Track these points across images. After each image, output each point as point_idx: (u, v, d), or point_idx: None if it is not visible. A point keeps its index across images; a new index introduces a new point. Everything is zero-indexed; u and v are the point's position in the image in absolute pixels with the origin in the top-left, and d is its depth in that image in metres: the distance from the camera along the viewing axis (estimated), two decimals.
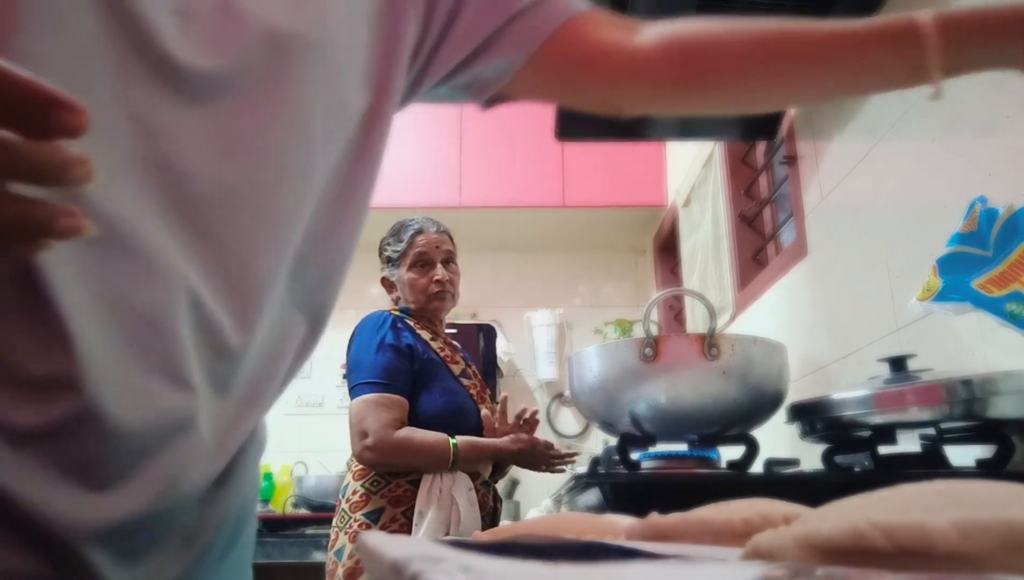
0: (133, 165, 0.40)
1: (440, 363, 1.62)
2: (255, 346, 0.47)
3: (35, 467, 0.38)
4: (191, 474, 0.45)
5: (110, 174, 0.38)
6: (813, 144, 1.76)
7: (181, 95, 0.42)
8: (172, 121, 0.42)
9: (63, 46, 0.37)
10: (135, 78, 0.40)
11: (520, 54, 0.58)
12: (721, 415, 0.92)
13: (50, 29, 0.37)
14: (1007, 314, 0.85)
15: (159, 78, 0.41)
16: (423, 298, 1.66)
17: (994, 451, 0.82)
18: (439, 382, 1.60)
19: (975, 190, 1.00)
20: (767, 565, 0.27)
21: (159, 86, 0.41)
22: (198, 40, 0.42)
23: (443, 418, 1.55)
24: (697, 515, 0.40)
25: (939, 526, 0.24)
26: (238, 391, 0.47)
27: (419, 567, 0.25)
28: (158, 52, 0.41)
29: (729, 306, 2.39)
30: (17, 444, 0.38)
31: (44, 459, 0.39)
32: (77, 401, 0.38)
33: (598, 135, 2.02)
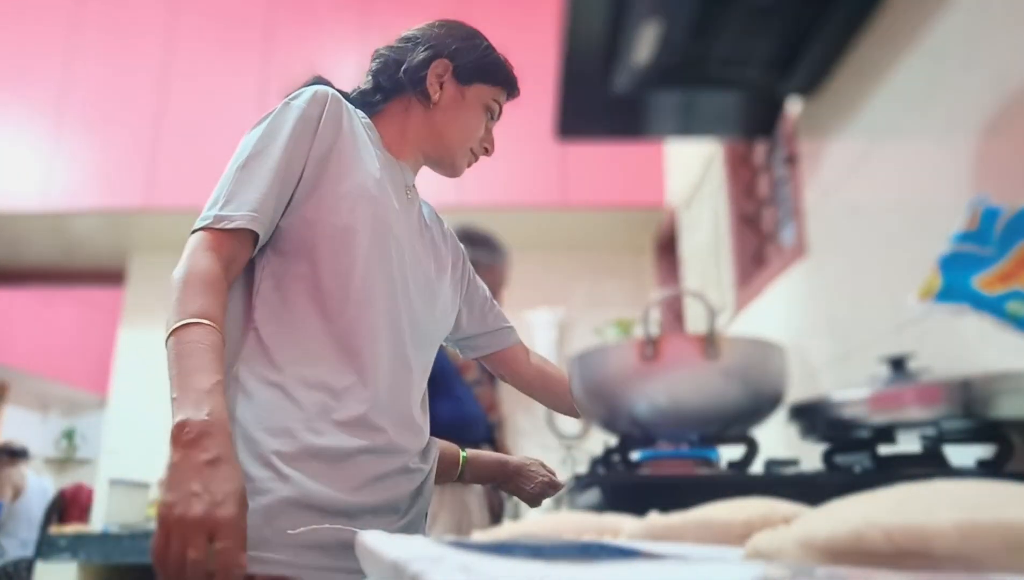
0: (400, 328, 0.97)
1: (452, 369, 1.62)
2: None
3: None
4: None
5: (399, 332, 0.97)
6: (813, 144, 1.76)
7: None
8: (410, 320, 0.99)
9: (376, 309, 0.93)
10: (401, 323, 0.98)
11: (487, 350, 1.24)
12: (721, 415, 0.92)
13: (368, 304, 0.92)
14: (1007, 313, 0.85)
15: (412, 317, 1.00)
16: None
17: (994, 451, 0.82)
18: (447, 388, 1.59)
19: (975, 190, 1.01)
20: (767, 565, 0.27)
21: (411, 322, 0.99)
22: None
23: (446, 426, 1.55)
24: (697, 515, 0.40)
25: (939, 526, 0.24)
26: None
27: (419, 567, 0.25)
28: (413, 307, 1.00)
29: (729, 306, 2.39)
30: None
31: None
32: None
33: (598, 135, 2.02)
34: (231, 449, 0.77)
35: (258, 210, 0.88)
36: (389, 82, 1.07)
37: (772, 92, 1.72)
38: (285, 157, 0.91)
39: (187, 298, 0.83)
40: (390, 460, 0.92)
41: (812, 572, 0.24)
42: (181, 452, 0.75)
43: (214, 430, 0.76)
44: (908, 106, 1.34)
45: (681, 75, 1.62)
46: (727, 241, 2.45)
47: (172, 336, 0.81)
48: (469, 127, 1.08)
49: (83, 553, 2.62)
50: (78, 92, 3.43)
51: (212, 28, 3.55)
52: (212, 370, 0.80)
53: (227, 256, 0.87)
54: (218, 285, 0.85)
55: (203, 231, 0.88)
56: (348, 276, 0.91)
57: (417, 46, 1.07)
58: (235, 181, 0.91)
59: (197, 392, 0.78)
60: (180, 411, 0.78)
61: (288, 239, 0.92)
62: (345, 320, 0.90)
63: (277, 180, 0.90)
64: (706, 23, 1.47)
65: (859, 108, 1.52)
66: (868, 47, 1.48)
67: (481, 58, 1.08)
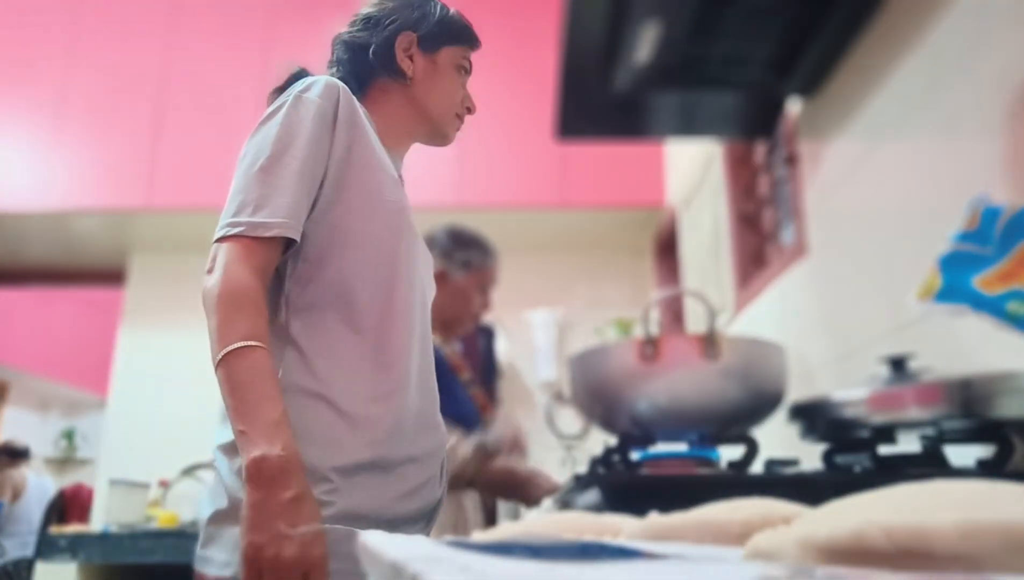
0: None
1: (446, 368, 1.62)
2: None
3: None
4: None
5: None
6: (813, 144, 1.76)
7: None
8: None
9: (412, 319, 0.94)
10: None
11: None
12: (721, 415, 0.92)
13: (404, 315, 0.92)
14: (1007, 313, 0.85)
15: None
16: (467, 316, 1.67)
17: (994, 451, 0.82)
18: (442, 387, 1.58)
19: (975, 190, 1.00)
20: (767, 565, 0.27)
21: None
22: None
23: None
24: (697, 515, 0.40)
25: (939, 526, 0.24)
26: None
27: (419, 567, 0.25)
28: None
29: (729, 306, 2.39)
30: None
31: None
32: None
33: (598, 135, 2.02)
34: (306, 483, 0.76)
35: (292, 217, 0.85)
36: (361, 68, 1.03)
37: (772, 92, 1.72)
38: (310, 155, 0.87)
39: (233, 319, 0.79)
40: (428, 468, 0.92)
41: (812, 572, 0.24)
42: (263, 491, 0.73)
43: (292, 466, 0.75)
44: (908, 106, 1.34)
45: (681, 75, 1.62)
46: (727, 241, 2.45)
47: (225, 361, 0.77)
48: (449, 93, 1.04)
49: (83, 553, 2.62)
50: (78, 92, 3.43)
51: (212, 28, 3.55)
52: (275, 398, 0.78)
53: (261, 266, 0.83)
54: (260, 301, 0.82)
55: (234, 240, 0.83)
56: (386, 288, 0.90)
57: (378, 25, 1.02)
58: (261, 184, 0.85)
59: (267, 425, 0.76)
60: (253, 446, 0.75)
61: (316, 245, 0.88)
62: (382, 331, 0.89)
63: (304, 183, 0.86)
64: (706, 23, 1.47)
65: (859, 108, 1.52)
66: (868, 47, 1.48)
67: (441, 21, 1.04)
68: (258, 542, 0.72)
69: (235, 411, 0.77)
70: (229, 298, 0.80)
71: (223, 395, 0.78)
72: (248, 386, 0.77)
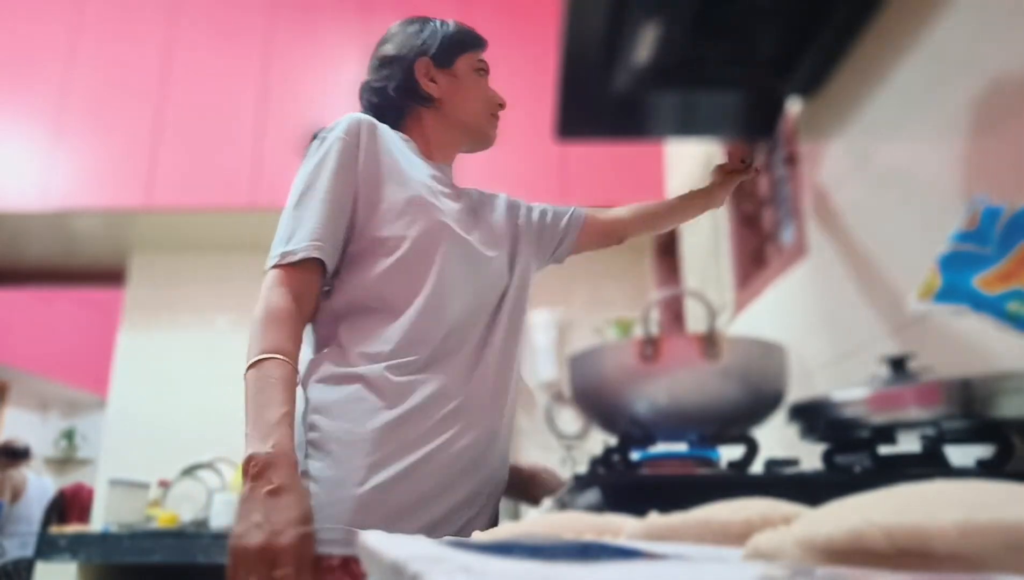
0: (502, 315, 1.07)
1: None
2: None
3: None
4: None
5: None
6: (813, 144, 1.76)
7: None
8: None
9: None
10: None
11: (570, 245, 1.28)
12: (721, 415, 0.92)
13: (447, 310, 0.98)
14: (1007, 313, 0.85)
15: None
16: None
17: (994, 451, 0.82)
18: None
19: (975, 190, 1.01)
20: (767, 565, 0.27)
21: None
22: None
23: None
24: (697, 515, 0.40)
25: (939, 526, 0.24)
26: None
27: (419, 567, 0.25)
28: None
29: (729, 306, 2.39)
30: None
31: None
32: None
33: (598, 135, 2.02)
34: (294, 477, 0.82)
35: (319, 239, 0.94)
36: (391, 104, 1.12)
37: (772, 92, 1.72)
38: (334, 185, 0.97)
39: (260, 335, 0.89)
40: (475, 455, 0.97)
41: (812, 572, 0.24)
42: (249, 485, 0.80)
43: (277, 461, 0.81)
44: (908, 106, 1.34)
45: (681, 75, 1.62)
46: (727, 241, 2.45)
47: (247, 372, 0.87)
48: (477, 98, 1.14)
49: (83, 553, 2.62)
50: (78, 92, 3.43)
51: (212, 28, 3.55)
52: (280, 402, 0.85)
53: (297, 289, 0.94)
54: (288, 319, 0.91)
55: (273, 270, 0.95)
56: (420, 287, 0.97)
57: (393, 63, 1.12)
58: (293, 219, 0.97)
59: (265, 426, 0.83)
60: (249, 445, 0.83)
61: (357, 257, 0.98)
62: (415, 325, 0.96)
63: (331, 207, 0.96)
64: (706, 23, 1.47)
65: (859, 108, 1.52)
66: (868, 47, 1.48)
67: (446, 36, 1.14)
68: (237, 532, 0.78)
69: (246, 415, 0.85)
70: (260, 319, 0.91)
71: (244, 403, 0.87)
72: (259, 392, 0.85)
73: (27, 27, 3.52)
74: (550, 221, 1.25)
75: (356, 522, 0.85)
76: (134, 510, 2.89)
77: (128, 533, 2.67)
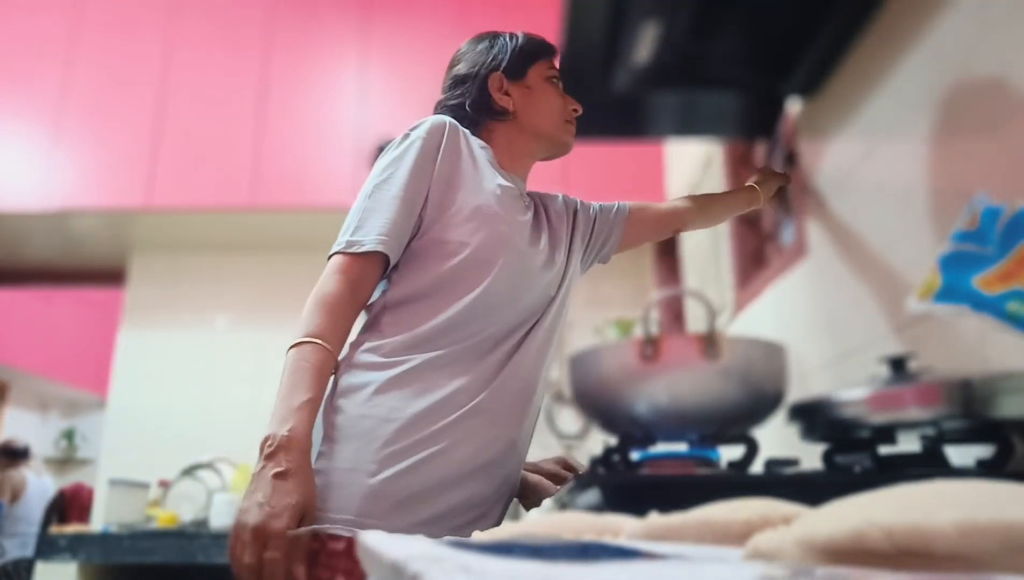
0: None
1: None
2: None
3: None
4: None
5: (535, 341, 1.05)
6: (813, 144, 1.76)
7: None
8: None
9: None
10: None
11: (618, 239, 1.29)
12: (721, 415, 0.92)
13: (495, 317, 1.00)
14: (1007, 313, 0.85)
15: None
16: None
17: (994, 451, 0.82)
18: None
19: (975, 190, 1.00)
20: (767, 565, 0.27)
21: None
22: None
23: None
24: (697, 515, 0.40)
25: (939, 526, 0.24)
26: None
27: (419, 567, 0.25)
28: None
29: (729, 306, 2.39)
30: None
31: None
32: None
33: (598, 135, 2.02)
34: (303, 463, 0.83)
35: (387, 233, 0.96)
36: (467, 122, 1.13)
37: (772, 92, 1.72)
38: (410, 182, 0.99)
39: (308, 318, 0.91)
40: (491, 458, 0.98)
41: (812, 572, 0.24)
42: (261, 463, 0.82)
43: (291, 444, 0.83)
44: (908, 106, 1.34)
45: (681, 75, 1.62)
46: (727, 241, 2.45)
47: (289, 351, 0.90)
48: (551, 107, 1.15)
49: (83, 553, 2.62)
50: (78, 92, 3.43)
51: (212, 28, 3.55)
52: (308, 387, 0.87)
53: (356, 278, 0.95)
54: (340, 306, 0.93)
55: (336, 255, 0.96)
56: (478, 293, 0.98)
57: (466, 80, 1.14)
58: (364, 209, 0.98)
59: (287, 409, 0.85)
60: (270, 425, 0.84)
61: (419, 255, 1.00)
62: (471, 330, 0.97)
63: (403, 204, 0.98)
64: (706, 23, 1.47)
65: (859, 108, 1.52)
66: (868, 47, 1.48)
67: (515, 49, 1.15)
68: (242, 507, 0.81)
69: (277, 394, 0.87)
70: (313, 302, 0.93)
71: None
72: (291, 374, 0.87)
73: (27, 26, 3.52)
74: (598, 220, 1.26)
75: (365, 509, 0.86)
76: (134, 510, 2.89)
77: (128, 533, 2.67)
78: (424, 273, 0.99)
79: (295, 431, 0.83)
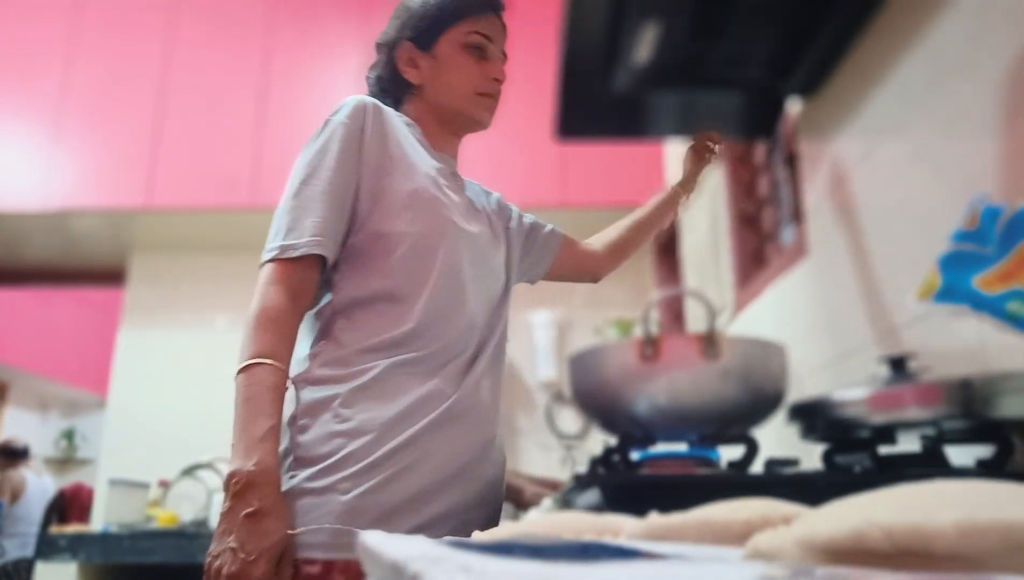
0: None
1: None
2: None
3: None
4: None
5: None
6: (813, 144, 1.76)
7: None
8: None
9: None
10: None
11: (546, 264, 1.25)
12: (721, 415, 0.92)
13: (450, 310, 0.96)
14: (1007, 313, 0.85)
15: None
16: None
17: (994, 451, 0.82)
18: None
19: (975, 190, 1.01)
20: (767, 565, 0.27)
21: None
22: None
23: None
24: (697, 515, 0.40)
25: (939, 526, 0.24)
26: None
27: (419, 567, 0.25)
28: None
29: (729, 306, 2.39)
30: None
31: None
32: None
33: (598, 135, 2.02)
34: (275, 498, 0.80)
35: (320, 233, 0.90)
36: (386, 94, 1.08)
37: (772, 92, 1.72)
38: (336, 174, 0.93)
39: (253, 336, 0.86)
40: (473, 456, 0.94)
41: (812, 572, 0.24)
42: (229, 503, 0.79)
43: (259, 480, 0.79)
44: (908, 106, 1.34)
45: (681, 75, 1.62)
46: (727, 241, 2.45)
47: (238, 376, 0.84)
48: (461, 79, 1.04)
49: (83, 553, 2.61)
50: (78, 92, 3.43)
51: (212, 28, 3.55)
52: (267, 413, 0.82)
53: (295, 286, 0.89)
54: (283, 319, 0.87)
55: (270, 264, 0.90)
56: (424, 284, 0.93)
57: (381, 51, 1.09)
58: (292, 209, 0.92)
59: (250, 440, 0.81)
60: (233, 459, 0.81)
61: (359, 252, 0.94)
62: (427, 326, 0.92)
63: (333, 199, 0.92)
64: (706, 23, 1.47)
65: (859, 108, 1.52)
66: (868, 47, 1.48)
67: (425, 15, 1.05)
68: (213, 552, 0.78)
69: (234, 424, 0.83)
70: (254, 318, 0.87)
71: (233, 409, 0.84)
72: (247, 402, 0.83)
73: (27, 26, 3.52)
74: (533, 233, 1.23)
75: (340, 529, 0.82)
76: (134, 510, 2.89)
77: (128, 533, 2.67)
78: (370, 271, 0.93)
79: (263, 465, 0.79)
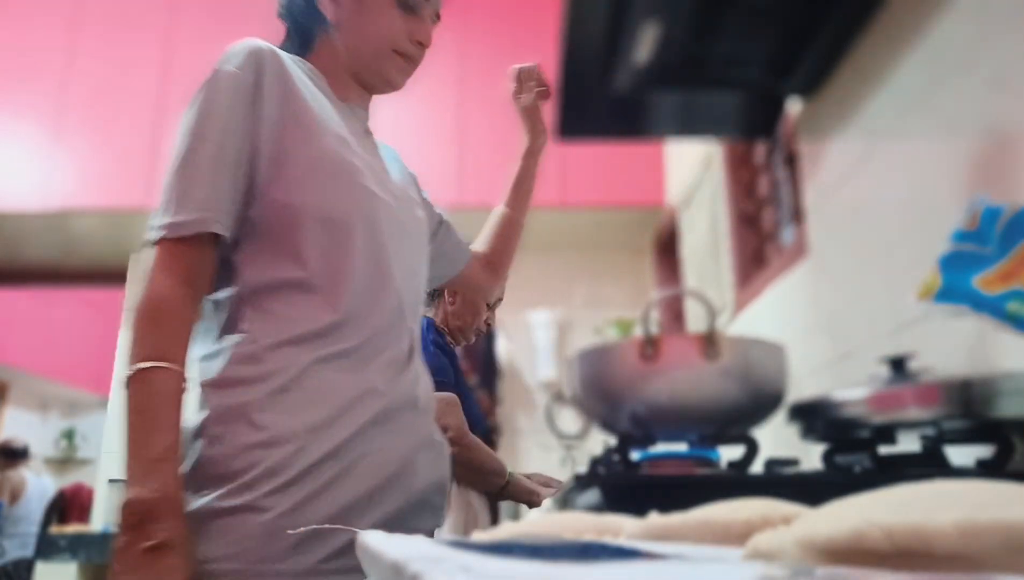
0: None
1: (460, 371, 1.62)
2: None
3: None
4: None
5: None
6: (813, 144, 1.76)
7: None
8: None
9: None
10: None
11: (448, 276, 1.20)
12: (721, 415, 0.92)
13: (369, 292, 0.84)
14: (1007, 313, 0.85)
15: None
16: (475, 327, 1.67)
17: (994, 451, 0.82)
18: (454, 390, 1.58)
19: (975, 190, 1.01)
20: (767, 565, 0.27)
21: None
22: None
23: None
24: (697, 515, 0.40)
25: (939, 526, 0.24)
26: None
27: (419, 567, 0.25)
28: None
29: (729, 306, 2.39)
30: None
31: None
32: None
33: (598, 135, 2.02)
34: (179, 529, 0.68)
35: (212, 207, 0.77)
36: (297, 24, 0.96)
37: (772, 92, 1.72)
38: (227, 136, 0.79)
39: (145, 335, 0.75)
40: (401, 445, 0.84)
41: (812, 572, 0.24)
42: (126, 536, 0.67)
43: (160, 509, 0.68)
44: (908, 106, 1.34)
45: (681, 75, 1.62)
46: (727, 241, 2.45)
47: (129, 381, 0.74)
48: (380, 29, 0.91)
49: (83, 553, 2.61)
50: (78, 91, 3.42)
51: (212, 28, 3.55)
52: (166, 427, 0.71)
53: (188, 270, 0.77)
54: (175, 311, 0.75)
55: (159, 245, 0.77)
56: (342, 262, 0.81)
57: None
58: (179, 181, 0.78)
59: (146, 461, 0.70)
60: (130, 485, 0.70)
61: (263, 225, 0.80)
62: (345, 310, 0.81)
63: (225, 166, 0.78)
64: (706, 23, 1.47)
65: (859, 108, 1.52)
66: (868, 47, 1.48)
67: None
68: None
69: (127, 438, 0.72)
70: (145, 312, 0.75)
71: (123, 419, 0.74)
72: (141, 413, 0.72)
73: (27, 26, 3.52)
74: (442, 233, 1.14)
75: (259, 553, 0.71)
76: None
77: None
78: (279, 251, 0.80)
79: (164, 490, 0.68)
